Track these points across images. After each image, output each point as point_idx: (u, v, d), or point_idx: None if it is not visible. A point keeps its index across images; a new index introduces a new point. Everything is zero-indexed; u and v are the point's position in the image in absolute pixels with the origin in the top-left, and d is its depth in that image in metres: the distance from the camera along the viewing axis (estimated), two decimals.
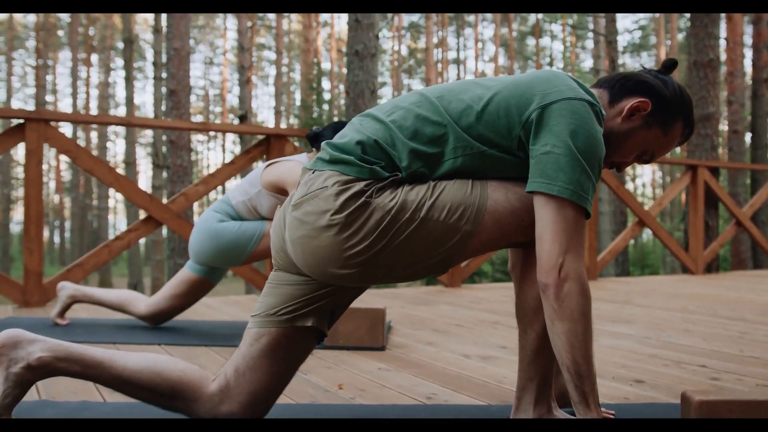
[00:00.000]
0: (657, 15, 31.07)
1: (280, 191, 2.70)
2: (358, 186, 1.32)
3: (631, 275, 14.00)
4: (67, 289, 2.96)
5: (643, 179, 43.02)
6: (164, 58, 16.78)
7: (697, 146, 6.80)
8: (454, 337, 2.86)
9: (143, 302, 2.91)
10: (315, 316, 1.45)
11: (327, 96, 25.40)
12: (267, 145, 4.23)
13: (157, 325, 2.94)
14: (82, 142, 30.07)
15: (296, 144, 5.33)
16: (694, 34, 6.84)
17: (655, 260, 19.51)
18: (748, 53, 12.13)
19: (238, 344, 2.55)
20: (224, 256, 2.73)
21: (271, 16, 28.68)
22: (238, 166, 4.24)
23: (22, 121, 3.64)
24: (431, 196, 1.34)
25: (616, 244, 5.82)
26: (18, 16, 30.75)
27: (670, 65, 1.54)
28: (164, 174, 15.12)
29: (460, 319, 3.37)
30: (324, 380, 2.04)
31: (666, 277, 6.02)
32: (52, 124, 3.70)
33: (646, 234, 23.96)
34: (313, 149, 2.84)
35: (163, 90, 15.79)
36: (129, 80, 17.82)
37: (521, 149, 1.35)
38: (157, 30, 15.68)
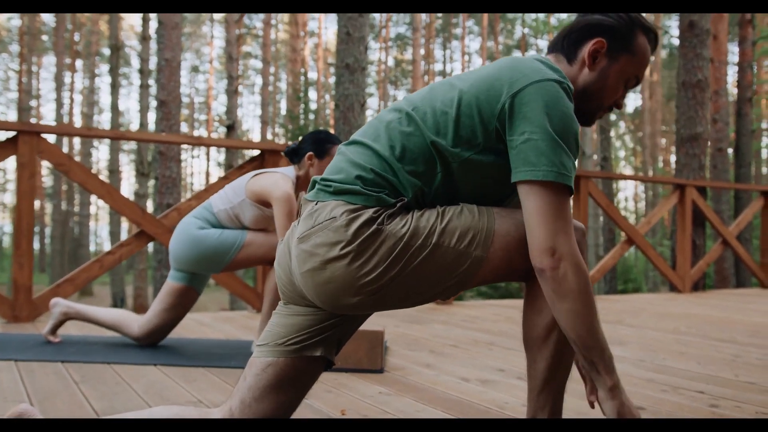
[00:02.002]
0: None
1: (264, 203, 2.71)
2: (368, 214, 1.32)
3: (618, 291, 14.09)
4: (60, 305, 2.92)
5: (626, 193, 43.43)
6: (152, 65, 16.74)
7: (684, 165, 6.87)
8: (451, 358, 2.85)
9: (137, 323, 2.88)
10: (323, 345, 1.44)
11: (313, 106, 25.39)
12: (261, 160, 4.22)
13: (153, 343, 2.91)
14: (65, 149, 29.78)
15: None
16: (682, 54, 6.92)
17: (637, 274, 19.63)
18: (731, 72, 12.32)
19: (234, 365, 2.54)
20: (204, 262, 2.73)
21: (259, 24, 28.69)
22: (231, 181, 4.22)
23: (14, 133, 3.60)
24: (441, 222, 1.34)
25: (605, 262, 5.85)
26: (2, 20, 30.51)
27: None
28: (150, 183, 15.04)
29: (455, 339, 3.37)
30: (326, 405, 2.03)
31: (654, 296, 6.06)
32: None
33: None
34: (295, 164, 2.85)
35: (150, 99, 15.72)
36: (115, 87, 17.71)
37: (500, 141, 1.36)
38: (144, 38, 15.62)
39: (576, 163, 1.36)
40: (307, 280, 1.35)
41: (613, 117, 33.06)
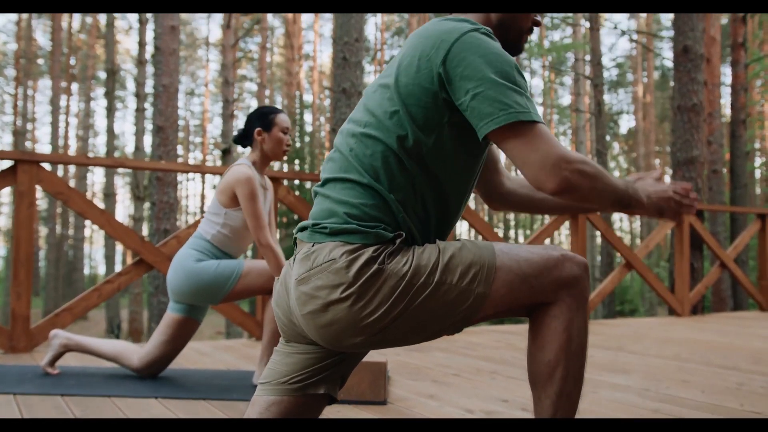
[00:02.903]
0: (634, 53, 31.75)
1: (234, 197, 2.71)
2: (368, 253, 1.30)
3: (615, 313, 14.07)
4: (59, 337, 2.90)
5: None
6: (148, 88, 16.79)
7: None
8: (454, 388, 2.83)
9: (136, 354, 2.86)
10: (327, 382, 1.43)
11: (309, 129, 25.47)
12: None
13: (153, 375, 2.88)
14: (60, 172, 29.77)
15: (292, 187, 5.30)
16: (677, 78, 6.97)
17: (634, 296, 19.62)
18: (724, 94, 12.42)
19: (236, 398, 2.51)
20: (202, 294, 2.72)
21: (254, 47, 28.83)
22: None
23: (12, 162, 3.59)
24: (443, 259, 1.33)
25: (604, 287, 5.84)
26: None
27: None
28: (146, 206, 15.01)
29: (457, 368, 3.35)
30: None
31: (654, 320, 6.04)
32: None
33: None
34: (248, 147, 2.88)
35: (146, 122, 15.74)
36: (111, 111, 17.74)
37: (454, 109, 1.34)
38: (140, 62, 15.68)
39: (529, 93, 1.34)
40: (309, 322, 1.34)
41: (607, 138, 33.25)
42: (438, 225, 1.43)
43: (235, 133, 2.94)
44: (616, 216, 39.51)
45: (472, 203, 30.86)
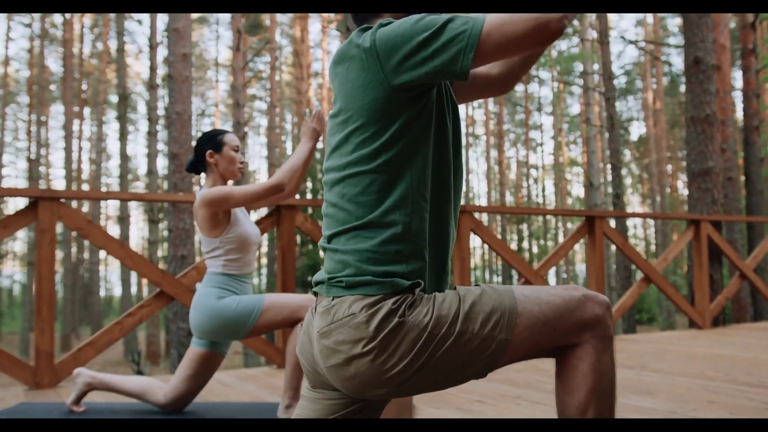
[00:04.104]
0: (642, 59, 31.69)
1: (214, 223, 2.69)
2: (387, 306, 1.30)
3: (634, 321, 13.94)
4: (83, 376, 2.91)
5: (634, 220, 43.32)
6: (159, 111, 16.95)
7: (698, 200, 6.86)
8: (480, 416, 2.82)
9: (162, 390, 2.86)
10: None
11: (319, 145, 25.57)
12: (277, 216, 4.23)
13: (178, 410, 2.89)
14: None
15: (308, 213, 5.33)
16: (689, 90, 6.95)
17: (651, 304, 19.48)
18: (736, 100, 12.35)
19: None
20: (224, 332, 2.72)
21: (263, 66, 29.02)
22: None
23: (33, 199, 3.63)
24: (463, 307, 1.34)
25: (623, 301, 5.81)
26: (11, 71, 30.96)
27: None
28: (161, 226, 15.11)
29: (481, 394, 3.33)
30: None
31: (675, 334, 5.99)
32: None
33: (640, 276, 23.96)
34: (204, 173, 2.89)
35: (159, 144, 15.88)
36: (123, 135, 17.90)
37: (409, 91, 1.32)
38: (152, 86, 15.84)
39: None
40: (333, 374, 1.35)
41: (627, 153, 33.14)
42: (439, 221, 1.43)
43: (187, 162, 2.94)
44: (630, 222, 39.28)
45: (485, 219, 30.79)
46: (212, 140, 2.86)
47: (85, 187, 32.31)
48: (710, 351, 4.79)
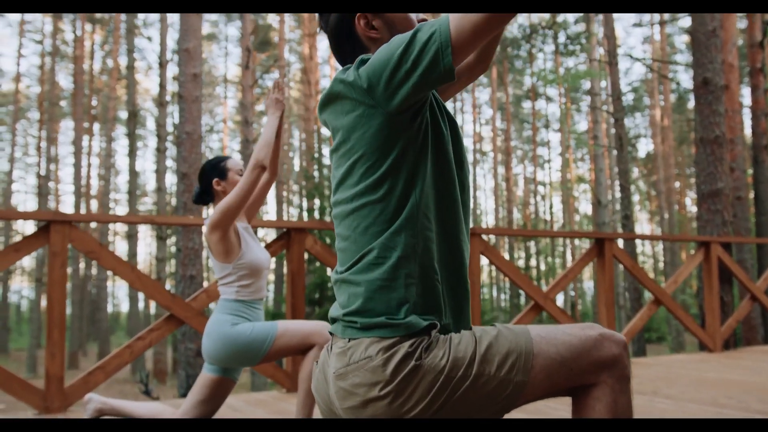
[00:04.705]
0: (649, 76, 31.71)
1: (225, 248, 2.68)
2: (404, 349, 1.30)
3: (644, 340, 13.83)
4: (94, 401, 2.91)
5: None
6: (168, 126, 17.07)
7: (707, 222, 6.83)
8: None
9: (173, 416, 2.86)
10: None
11: (327, 162, 25.64)
12: (287, 239, 4.24)
13: None
14: (82, 208, 30.15)
15: (320, 236, 5.31)
16: (698, 111, 6.95)
17: (660, 323, 19.35)
18: (745, 119, 12.33)
19: None
20: (239, 359, 2.71)
21: (271, 83, 29.18)
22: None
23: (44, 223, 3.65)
24: (479, 350, 1.33)
25: (633, 324, 5.77)
26: (22, 87, 31.23)
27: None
28: (168, 244, 15.16)
29: None
30: None
31: (687, 357, 5.95)
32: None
33: (648, 295, 23.81)
34: (212, 203, 2.90)
35: (168, 162, 15.97)
36: (132, 153, 17.99)
37: (407, 113, 1.33)
38: (161, 104, 15.94)
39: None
40: (349, 414, 1.35)
41: (635, 170, 33.04)
42: (448, 237, 1.42)
43: (194, 193, 2.93)
44: (638, 239, 39.13)
45: (492, 237, 30.64)
46: (216, 168, 2.88)
47: (94, 203, 32.44)
48: (722, 376, 4.75)
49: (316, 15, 1.57)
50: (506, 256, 31.72)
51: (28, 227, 43.93)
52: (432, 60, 1.26)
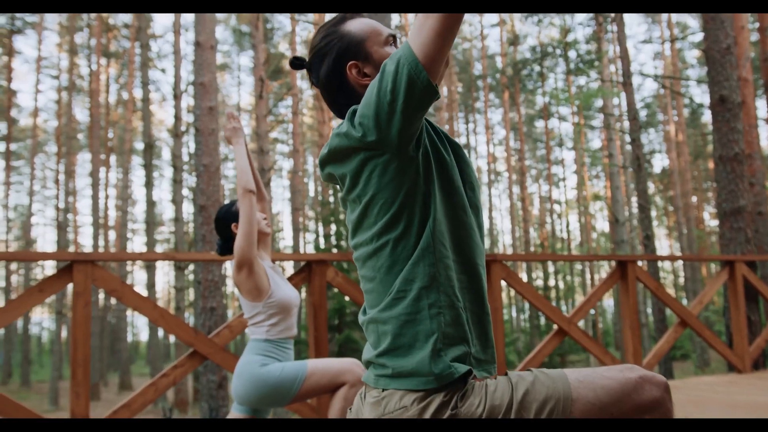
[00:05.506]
0: (662, 92, 31.63)
1: (254, 284, 2.68)
2: (439, 398, 1.28)
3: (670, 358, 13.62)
4: None
5: (662, 253, 42.74)
6: (184, 156, 17.21)
7: (731, 240, 6.75)
8: None
9: None
10: None
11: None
12: (308, 271, 4.23)
13: None
14: (101, 241, 30.39)
15: (339, 267, 5.29)
16: (716, 129, 6.90)
17: (683, 341, 19.08)
18: (762, 134, 12.20)
19: None
20: (269, 400, 2.70)
21: (284, 110, 29.40)
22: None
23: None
24: (517, 397, 1.31)
25: (660, 347, 5.69)
26: (40, 122, 31.69)
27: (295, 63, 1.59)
28: (186, 273, 15.23)
29: None
30: None
31: (715, 379, 5.84)
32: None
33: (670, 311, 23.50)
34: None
35: (184, 192, 16.07)
36: (149, 184, 18.14)
37: (405, 154, 1.33)
38: (176, 135, 16.08)
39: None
40: None
41: (652, 189, 32.77)
42: (465, 261, 1.41)
43: (217, 246, 2.95)
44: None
45: (513, 266, 30.60)
46: (230, 212, 2.89)
47: (112, 234, 32.70)
48: (753, 399, 4.65)
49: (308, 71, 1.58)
50: (524, 277, 31.54)
51: (49, 261, 44.23)
52: (408, 83, 1.26)
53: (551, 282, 30.01)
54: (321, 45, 1.50)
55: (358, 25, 1.50)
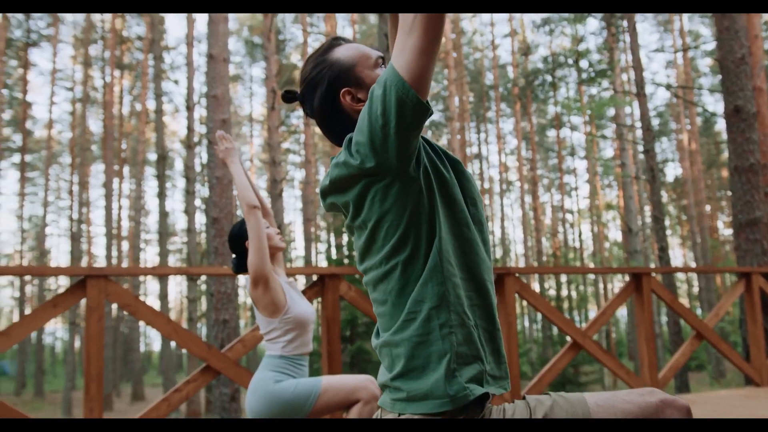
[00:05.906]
0: (675, 100, 31.50)
1: (270, 300, 2.67)
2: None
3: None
4: None
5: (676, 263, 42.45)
6: (197, 166, 17.32)
7: (747, 252, 6.68)
8: None
9: None
10: None
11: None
12: (321, 285, 4.21)
13: None
14: (114, 252, 30.55)
15: (352, 280, 5.29)
16: (731, 139, 6.85)
17: (698, 351, 18.90)
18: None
19: None
20: (283, 416, 2.68)
21: (295, 121, 29.50)
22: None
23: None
24: (536, 418, 1.29)
25: (676, 360, 5.62)
26: (54, 133, 31.95)
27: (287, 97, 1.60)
28: (198, 283, 15.26)
29: None
30: None
31: (732, 393, 5.76)
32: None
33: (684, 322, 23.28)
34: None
35: (197, 202, 16.14)
36: (162, 195, 18.23)
37: (404, 174, 1.32)
38: (189, 146, 16.17)
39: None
40: None
41: (665, 198, 32.57)
42: (472, 278, 1.40)
43: (232, 263, 2.96)
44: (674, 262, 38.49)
45: (529, 279, 30.49)
46: (243, 229, 2.89)
47: (125, 244, 32.86)
48: None
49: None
50: (536, 287, 31.39)
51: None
52: (398, 105, 1.25)
53: (564, 292, 29.86)
54: (312, 75, 1.49)
55: (346, 51, 1.50)
